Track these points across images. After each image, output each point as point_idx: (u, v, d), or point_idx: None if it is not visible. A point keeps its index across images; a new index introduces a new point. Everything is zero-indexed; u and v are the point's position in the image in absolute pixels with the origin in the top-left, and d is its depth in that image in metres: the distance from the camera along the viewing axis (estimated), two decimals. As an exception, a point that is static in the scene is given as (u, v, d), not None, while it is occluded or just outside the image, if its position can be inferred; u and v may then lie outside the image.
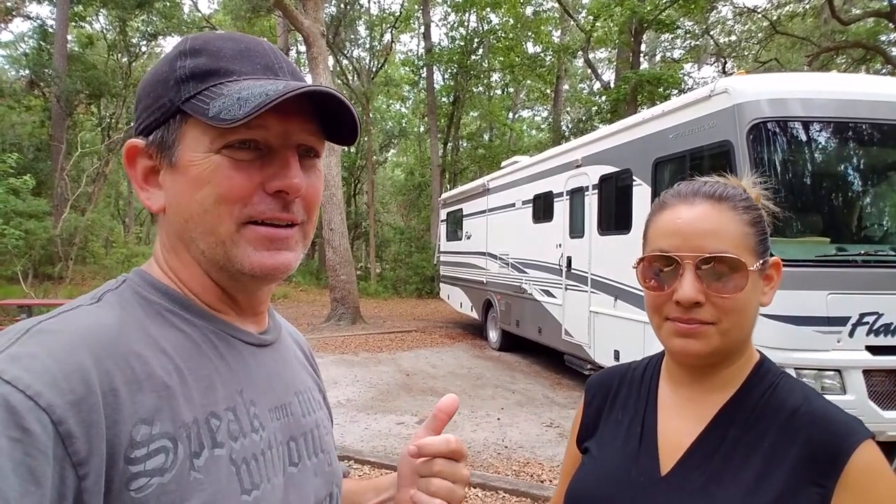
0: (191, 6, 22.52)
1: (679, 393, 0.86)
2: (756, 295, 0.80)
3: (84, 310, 0.55)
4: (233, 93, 0.57)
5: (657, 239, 0.82)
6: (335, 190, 11.79)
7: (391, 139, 27.82)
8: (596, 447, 0.91)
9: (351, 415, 5.74)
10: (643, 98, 15.93)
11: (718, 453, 0.78)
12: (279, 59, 0.63)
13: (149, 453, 0.50)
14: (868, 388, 3.73)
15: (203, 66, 0.59)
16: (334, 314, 11.91)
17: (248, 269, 0.60)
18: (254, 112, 0.54)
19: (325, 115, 0.63)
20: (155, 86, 0.61)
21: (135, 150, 0.62)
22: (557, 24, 23.60)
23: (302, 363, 0.80)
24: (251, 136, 0.58)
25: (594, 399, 0.97)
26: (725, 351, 0.79)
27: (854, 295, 3.84)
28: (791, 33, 18.17)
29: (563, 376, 7.56)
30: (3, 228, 10.74)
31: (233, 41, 0.62)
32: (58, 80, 16.00)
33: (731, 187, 0.82)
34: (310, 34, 11.22)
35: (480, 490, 3.93)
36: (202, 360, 0.59)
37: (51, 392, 0.45)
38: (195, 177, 0.58)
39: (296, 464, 0.66)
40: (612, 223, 6.14)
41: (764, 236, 0.81)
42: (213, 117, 0.56)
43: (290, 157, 0.60)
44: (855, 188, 4.41)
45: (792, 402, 0.78)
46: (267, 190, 0.59)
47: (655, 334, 0.83)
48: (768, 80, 4.67)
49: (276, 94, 0.55)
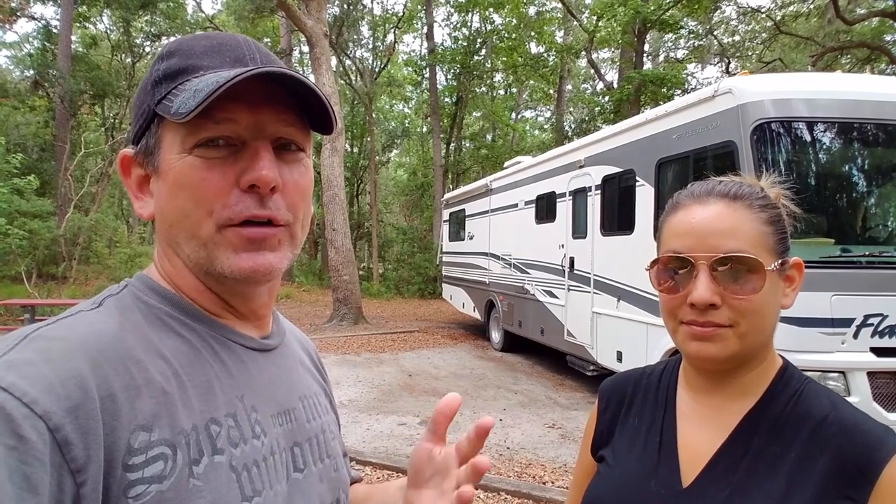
0: (194, 6, 22.59)
1: (698, 400, 0.83)
2: (776, 296, 0.76)
3: (84, 315, 0.55)
4: (192, 87, 0.56)
5: (670, 240, 0.80)
6: (338, 190, 11.80)
7: (394, 139, 27.87)
8: (612, 456, 0.88)
9: (353, 415, 5.73)
10: (646, 98, 15.90)
11: (743, 464, 0.75)
12: (252, 50, 0.61)
13: (147, 460, 0.49)
14: (873, 390, 3.71)
15: (174, 66, 0.59)
16: (337, 314, 11.92)
17: (229, 272, 0.58)
18: (204, 101, 0.52)
19: (305, 105, 0.61)
20: (139, 93, 0.62)
21: (126, 159, 0.62)
22: (560, 25, 23.61)
23: (308, 368, 0.78)
24: (220, 131, 0.56)
25: (609, 405, 0.93)
26: (744, 355, 0.76)
27: (858, 296, 3.81)
28: (795, 33, 18.12)
29: (566, 377, 7.54)
30: (7, 228, 10.77)
31: (206, 39, 0.61)
32: (62, 80, 16.05)
33: (747, 186, 0.79)
34: (313, 34, 11.24)
35: (482, 491, 3.92)
36: (202, 366, 0.58)
37: (47, 399, 0.44)
38: (173, 180, 0.58)
39: (301, 469, 0.65)
40: (615, 224, 6.12)
41: (783, 235, 0.78)
42: (173, 113, 0.55)
43: (261, 148, 0.58)
44: (859, 189, 4.38)
45: (818, 410, 0.74)
46: (240, 186, 0.57)
47: (672, 339, 0.81)
48: (772, 80, 4.65)
49: (226, 79, 0.53)
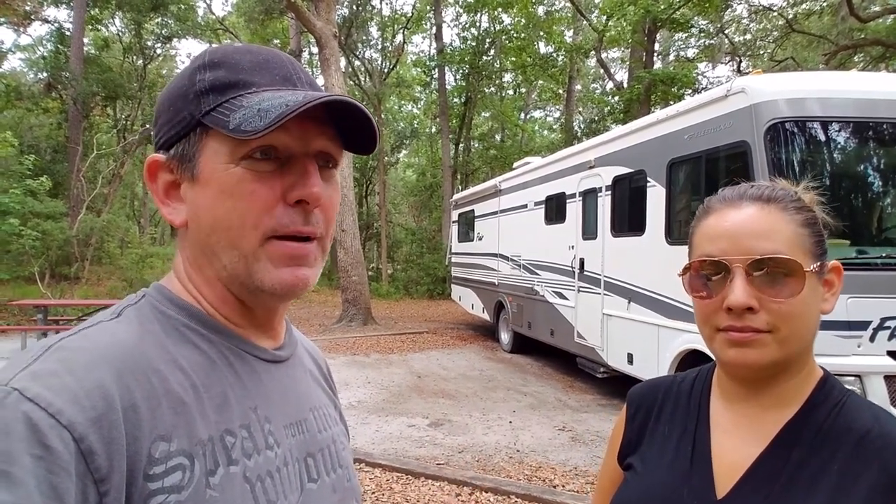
0: (205, 9, 22.72)
1: (734, 409, 0.80)
2: (816, 301, 0.74)
3: (104, 326, 0.56)
4: (252, 104, 0.57)
5: (703, 244, 0.77)
6: (347, 191, 11.82)
7: (403, 140, 27.86)
8: (641, 463, 0.86)
9: (362, 417, 5.73)
10: (657, 98, 15.79)
11: (782, 476, 0.72)
12: (297, 70, 0.64)
13: (167, 470, 0.50)
14: (890, 395, 3.65)
15: (222, 79, 0.59)
16: (346, 315, 11.94)
17: (269, 286, 0.60)
18: (275, 122, 0.54)
19: (341, 123, 0.62)
20: (175, 100, 0.61)
21: (156, 164, 0.63)
22: (570, 24, 23.52)
23: (317, 379, 0.79)
24: (270, 142, 0.58)
25: (637, 413, 0.91)
26: (784, 362, 0.73)
27: (875, 299, 3.75)
28: (808, 31, 17.91)
29: (576, 379, 7.49)
30: (21, 229, 10.88)
31: (251, 53, 0.62)
32: (74, 82, 16.20)
33: (780, 189, 0.77)
34: (322, 35, 11.27)
35: (492, 494, 3.89)
36: (217, 377, 0.59)
37: (72, 409, 0.46)
38: (218, 190, 0.58)
39: (315, 480, 0.66)
40: (626, 225, 6.08)
41: (820, 238, 0.75)
42: (233, 129, 0.55)
43: (310, 165, 0.60)
44: (875, 189, 4.31)
45: (861, 423, 0.72)
46: (288, 200, 0.59)
47: (708, 347, 0.78)
48: (786, 79, 4.59)
49: (296, 104, 0.55)
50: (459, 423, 5.62)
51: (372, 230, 25.35)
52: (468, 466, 4.44)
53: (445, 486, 4.02)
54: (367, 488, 4.01)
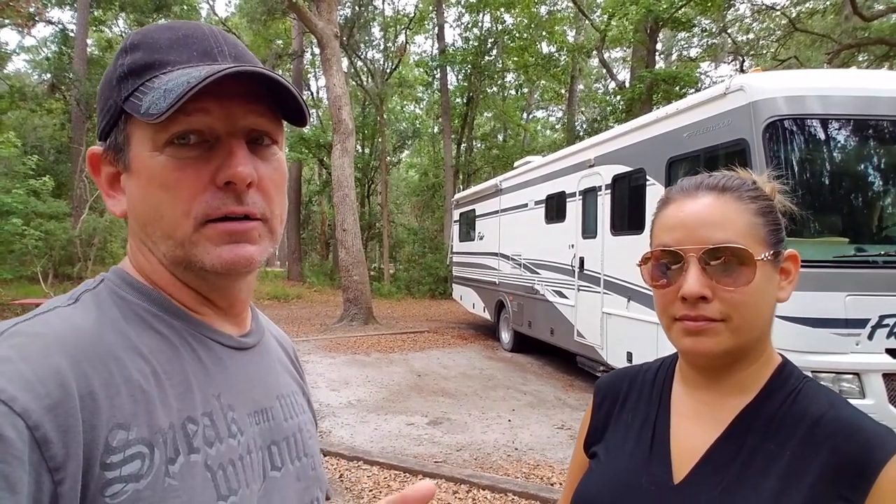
0: (208, 10, 22.79)
1: (693, 396, 0.81)
2: (770, 289, 0.75)
3: (61, 311, 0.54)
4: (161, 85, 0.54)
5: (661, 234, 0.79)
6: (348, 191, 11.84)
7: (405, 140, 27.86)
8: (604, 452, 0.87)
9: (361, 415, 5.74)
10: (659, 97, 15.77)
11: (736, 461, 0.73)
12: (219, 42, 0.60)
13: (124, 459, 0.49)
14: (888, 392, 3.63)
15: (139, 61, 0.57)
16: (347, 314, 11.96)
17: (210, 266, 0.58)
18: (176, 102, 0.51)
19: (277, 97, 0.60)
20: (103, 87, 0.60)
21: (96, 157, 0.61)
22: (572, 24, 23.51)
23: (286, 366, 0.78)
24: (191, 125, 0.55)
25: (604, 402, 0.92)
26: (740, 350, 0.74)
27: (873, 296, 3.74)
28: (811, 30, 17.86)
29: (576, 378, 7.49)
30: (24, 229, 10.94)
31: (170, 30, 0.60)
32: (78, 83, 16.30)
33: (737, 178, 0.78)
34: (323, 36, 11.30)
35: (490, 492, 3.89)
36: (179, 364, 0.57)
37: (26, 396, 0.44)
38: (146, 180, 0.57)
39: (278, 468, 0.64)
40: (626, 223, 6.08)
41: (776, 227, 0.76)
42: (143, 114, 0.53)
43: (235, 145, 0.57)
44: (875, 187, 4.29)
45: (816, 408, 0.73)
46: (216, 183, 0.56)
47: (666, 336, 0.80)
48: (785, 76, 4.57)
49: (197, 79, 0.52)
50: (458, 421, 5.62)
51: (374, 230, 25.35)
52: (466, 464, 4.44)
53: (443, 483, 4.03)
54: (364, 486, 4.02)
